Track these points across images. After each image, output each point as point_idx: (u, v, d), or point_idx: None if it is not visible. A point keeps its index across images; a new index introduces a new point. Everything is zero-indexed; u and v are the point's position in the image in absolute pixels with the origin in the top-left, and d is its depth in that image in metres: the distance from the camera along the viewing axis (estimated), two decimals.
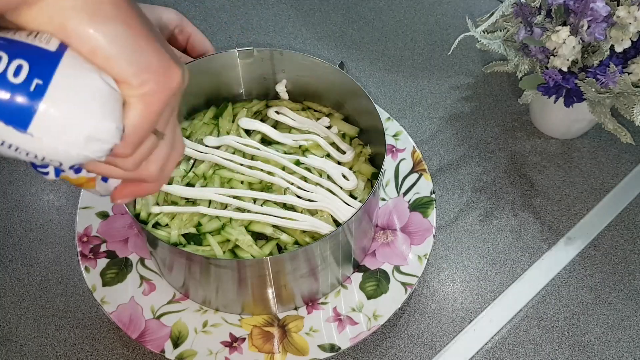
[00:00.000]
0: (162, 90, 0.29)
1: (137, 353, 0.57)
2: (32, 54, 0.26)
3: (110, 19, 0.27)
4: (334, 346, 0.54)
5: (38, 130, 0.26)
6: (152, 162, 0.33)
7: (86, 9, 0.26)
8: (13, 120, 0.26)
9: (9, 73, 0.26)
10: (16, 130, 0.26)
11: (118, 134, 0.29)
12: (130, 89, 0.29)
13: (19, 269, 0.62)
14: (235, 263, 0.50)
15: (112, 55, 0.27)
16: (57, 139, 0.27)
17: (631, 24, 0.57)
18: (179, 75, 0.30)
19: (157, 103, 0.30)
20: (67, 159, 0.28)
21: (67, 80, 0.27)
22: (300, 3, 0.91)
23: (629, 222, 0.66)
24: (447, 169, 0.71)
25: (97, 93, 0.27)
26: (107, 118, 0.28)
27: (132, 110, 0.29)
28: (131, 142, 0.30)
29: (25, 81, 0.26)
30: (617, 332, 0.58)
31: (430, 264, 0.63)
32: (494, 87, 0.79)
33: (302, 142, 0.61)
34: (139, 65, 0.28)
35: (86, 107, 0.27)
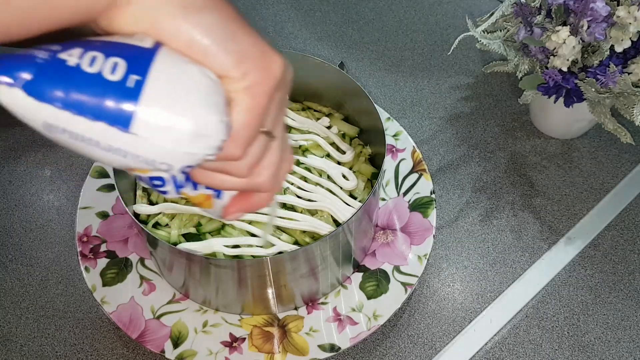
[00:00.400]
0: (265, 80, 0.28)
1: (137, 353, 0.57)
2: (128, 52, 0.25)
3: (202, 9, 0.26)
4: (334, 346, 0.54)
5: (142, 129, 0.25)
6: (264, 167, 0.31)
7: (177, 3, 0.25)
8: (114, 120, 0.25)
9: (105, 71, 0.25)
10: (120, 131, 0.25)
11: (224, 128, 0.27)
12: (233, 83, 0.27)
13: (19, 269, 0.62)
14: (235, 263, 0.50)
15: (208, 47, 0.26)
16: (162, 136, 0.26)
17: (631, 24, 0.57)
18: (280, 63, 0.28)
19: (262, 94, 0.28)
20: (175, 159, 0.27)
21: (165, 74, 0.25)
22: (300, 3, 0.91)
23: (629, 222, 0.66)
24: (447, 169, 0.71)
25: (197, 85, 0.26)
26: (211, 111, 0.26)
27: (238, 106, 0.27)
28: (240, 139, 0.28)
29: (123, 78, 0.25)
30: (617, 332, 0.58)
31: (430, 264, 0.63)
32: (494, 87, 0.79)
33: (302, 142, 0.61)
34: (238, 55, 0.27)
35: (188, 100, 0.26)
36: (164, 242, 0.51)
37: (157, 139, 0.26)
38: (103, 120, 0.25)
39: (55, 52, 0.25)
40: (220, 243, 0.54)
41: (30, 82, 0.24)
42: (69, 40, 0.26)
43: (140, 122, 0.25)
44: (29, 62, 0.24)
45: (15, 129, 0.74)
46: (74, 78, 0.24)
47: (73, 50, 0.25)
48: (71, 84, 0.24)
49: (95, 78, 0.24)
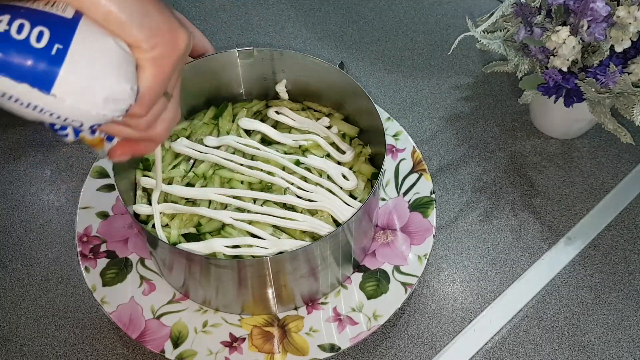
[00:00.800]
0: (171, 53, 0.32)
1: (137, 353, 0.57)
2: (52, 21, 0.28)
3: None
4: (334, 346, 0.54)
5: (61, 92, 0.29)
6: (160, 122, 0.36)
7: None
8: (38, 82, 0.28)
9: (31, 39, 0.28)
10: (41, 92, 0.29)
11: (133, 94, 0.31)
12: (142, 53, 0.31)
13: (19, 269, 0.62)
14: (235, 263, 0.50)
15: (123, 20, 0.30)
16: (78, 99, 0.29)
17: (631, 24, 0.57)
18: (185, 38, 0.33)
19: (167, 65, 0.32)
20: (87, 119, 0.31)
21: (85, 44, 0.29)
22: (300, 3, 0.91)
23: (629, 222, 0.66)
24: (447, 169, 0.71)
25: (112, 56, 0.30)
26: (123, 79, 0.30)
27: (145, 72, 0.32)
28: (146, 102, 0.33)
29: (47, 46, 0.28)
30: (617, 332, 0.58)
31: (430, 264, 0.63)
32: (494, 87, 0.79)
33: (302, 142, 0.61)
34: (150, 30, 0.31)
35: (103, 69, 0.30)
36: (164, 242, 0.51)
37: (73, 101, 0.29)
38: (26, 82, 0.28)
39: None
40: (220, 243, 0.54)
41: None
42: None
43: (60, 86, 0.29)
44: None
45: (15, 129, 0.74)
46: (3, 43, 0.27)
47: (2, 16, 0.28)
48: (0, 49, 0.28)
49: (23, 44, 0.28)
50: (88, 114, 0.30)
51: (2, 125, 0.75)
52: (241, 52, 0.61)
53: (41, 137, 0.73)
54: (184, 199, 0.57)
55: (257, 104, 0.65)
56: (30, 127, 0.74)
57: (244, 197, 0.57)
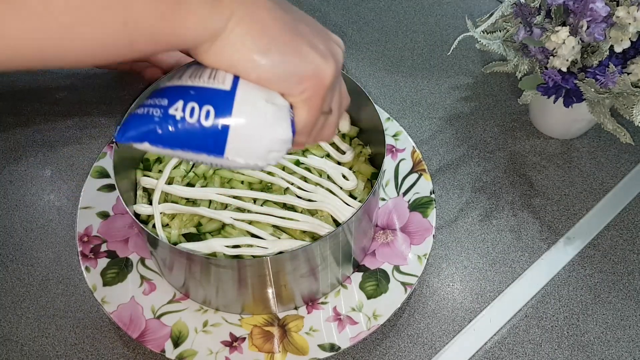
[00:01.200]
0: (318, 91, 0.36)
1: (137, 353, 0.57)
2: (214, 98, 0.35)
3: (267, 50, 0.34)
4: (334, 346, 0.54)
5: (231, 155, 0.36)
6: (326, 129, 0.41)
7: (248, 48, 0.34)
8: (212, 151, 0.36)
9: (202, 119, 0.35)
10: (217, 158, 0.36)
11: (289, 139, 0.37)
12: (294, 97, 0.36)
13: (19, 269, 0.63)
14: (235, 263, 0.50)
15: (273, 79, 0.35)
16: (246, 157, 0.37)
17: (630, 24, 0.57)
18: (330, 71, 0.36)
19: (317, 101, 0.37)
20: (257, 165, 0.38)
21: (243, 112, 0.35)
22: (300, 3, 0.91)
23: (628, 222, 0.66)
24: (446, 169, 0.71)
25: (266, 116, 0.36)
26: (278, 133, 0.36)
27: (299, 111, 0.37)
28: (304, 134, 0.39)
29: (214, 123, 0.35)
30: (617, 332, 0.58)
31: (430, 263, 0.63)
32: (494, 87, 0.79)
33: None
34: (296, 79, 0.35)
35: (261, 129, 0.36)
36: (164, 242, 0.51)
37: (243, 160, 0.37)
38: (204, 152, 0.36)
39: (165, 109, 0.35)
40: (220, 243, 0.54)
41: (153, 138, 0.35)
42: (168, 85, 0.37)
43: (229, 151, 0.36)
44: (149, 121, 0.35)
45: (15, 129, 0.74)
46: (182, 129, 0.35)
47: (177, 104, 0.35)
48: (181, 133, 0.35)
49: (196, 126, 0.35)
50: (256, 164, 0.37)
51: (3, 125, 0.75)
52: None
53: (42, 137, 0.73)
54: (184, 199, 0.57)
55: None
56: (31, 127, 0.74)
57: (244, 197, 0.57)
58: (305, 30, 0.36)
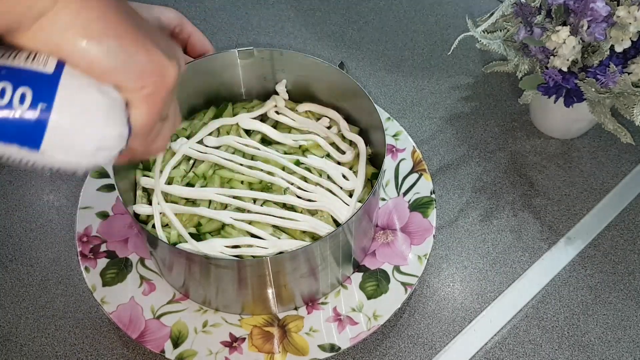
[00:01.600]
0: (160, 90, 0.32)
1: (137, 353, 0.57)
2: (33, 80, 0.28)
3: (102, 35, 0.28)
4: (334, 346, 0.54)
5: (50, 148, 0.29)
6: (159, 140, 0.36)
7: (77, 30, 0.28)
8: (26, 142, 0.29)
9: (15, 101, 0.28)
10: (30, 151, 0.29)
11: (123, 139, 0.31)
12: (131, 93, 0.31)
13: (19, 269, 0.62)
14: (235, 263, 0.50)
15: (107, 69, 0.29)
16: (67, 153, 0.30)
17: (631, 24, 0.57)
18: (174, 72, 0.32)
19: (158, 100, 0.32)
20: (80, 167, 0.31)
21: (68, 99, 0.29)
22: (300, 3, 0.91)
23: (629, 222, 0.66)
24: (447, 169, 0.71)
25: (97, 106, 0.30)
26: (111, 128, 0.30)
27: (137, 110, 0.32)
28: (140, 136, 0.33)
29: (31, 107, 0.28)
30: (617, 332, 0.58)
31: (430, 264, 0.63)
32: (494, 87, 0.79)
33: (302, 142, 0.61)
34: (136, 72, 0.30)
35: (90, 122, 0.30)
36: (163, 242, 0.51)
37: (63, 156, 0.30)
38: (15, 142, 0.29)
39: None
40: (220, 243, 0.54)
41: None
42: None
43: (47, 143, 0.29)
44: None
45: None
46: None
47: None
48: None
49: (7, 108, 0.28)
50: (79, 164, 0.31)
51: None
52: (241, 52, 0.61)
53: None
54: (184, 199, 0.57)
55: (257, 104, 0.65)
56: None
57: (243, 197, 0.57)
58: (148, 26, 0.32)
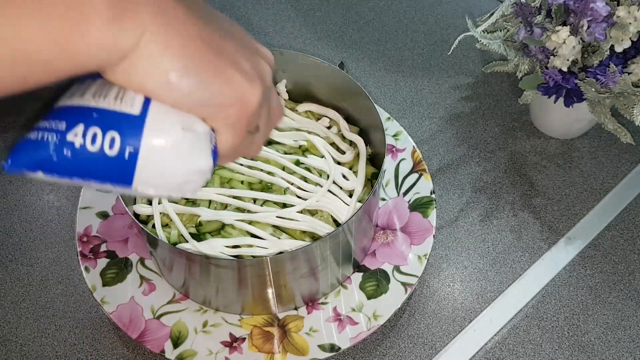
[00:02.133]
0: (244, 114, 0.32)
1: (137, 353, 0.57)
2: (121, 123, 0.30)
3: (183, 75, 0.29)
4: (334, 346, 0.54)
5: (140, 186, 0.31)
6: (252, 147, 0.36)
7: (160, 73, 0.29)
8: (119, 182, 0.31)
9: (105, 148, 0.30)
10: (124, 188, 0.31)
11: (209, 171, 0.33)
12: (215, 122, 0.31)
13: (19, 269, 0.62)
14: (235, 263, 0.50)
15: (190, 106, 0.30)
16: (158, 189, 0.32)
17: (631, 24, 0.57)
18: (256, 95, 0.32)
19: (242, 125, 0.32)
20: (171, 195, 0.33)
21: (154, 140, 0.30)
22: (300, 3, 0.91)
23: (629, 222, 0.66)
24: (447, 169, 0.71)
25: (182, 144, 0.31)
26: (196, 164, 0.32)
27: (222, 136, 0.32)
28: (228, 158, 0.34)
29: (120, 152, 0.30)
30: (617, 332, 0.58)
31: (430, 264, 0.63)
32: (494, 87, 0.79)
33: (302, 142, 0.61)
34: (216, 106, 0.30)
35: (174, 159, 0.31)
36: (163, 242, 0.51)
37: (154, 191, 0.32)
38: (109, 182, 0.31)
39: (63, 134, 0.30)
40: (220, 243, 0.54)
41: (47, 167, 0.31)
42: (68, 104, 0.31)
43: (138, 182, 0.31)
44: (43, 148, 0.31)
45: (15, 130, 0.74)
46: (82, 158, 0.30)
47: (76, 128, 0.30)
48: (81, 163, 0.30)
49: (99, 155, 0.30)
50: (170, 194, 0.33)
51: (2, 125, 0.75)
52: None
53: None
54: (184, 199, 0.57)
55: None
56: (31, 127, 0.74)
57: (243, 197, 0.57)
58: (229, 46, 0.32)
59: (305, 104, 0.65)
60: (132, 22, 0.27)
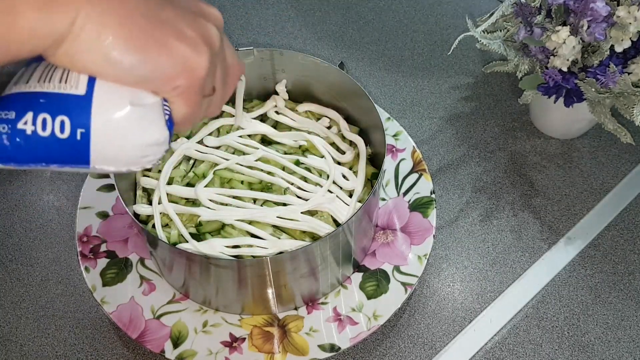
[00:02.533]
0: (192, 84, 0.32)
1: (137, 353, 0.57)
2: (68, 105, 0.30)
3: (124, 52, 0.29)
4: (334, 346, 0.54)
5: (98, 163, 0.32)
6: (212, 107, 0.36)
7: (99, 52, 0.29)
8: (76, 162, 0.31)
9: (56, 132, 0.30)
10: (82, 167, 0.32)
11: (165, 142, 0.33)
12: (165, 94, 0.31)
13: (19, 269, 0.62)
14: (235, 263, 0.50)
15: (135, 81, 0.30)
16: (116, 164, 0.32)
17: (631, 24, 0.57)
18: (204, 62, 0.31)
19: (193, 92, 0.32)
20: (132, 168, 0.33)
21: (103, 117, 0.31)
22: (300, 3, 0.91)
23: (629, 222, 0.66)
24: (447, 169, 0.71)
25: (132, 118, 0.31)
26: (150, 137, 0.32)
27: (175, 105, 0.32)
28: (186, 124, 0.34)
29: (71, 134, 0.30)
30: (617, 332, 0.58)
31: (430, 264, 0.63)
32: (494, 87, 0.79)
33: (302, 142, 0.61)
34: (163, 78, 0.30)
35: (127, 134, 0.31)
36: (163, 242, 0.51)
37: (114, 167, 0.32)
38: (67, 165, 0.32)
39: (14, 122, 0.30)
40: (220, 243, 0.54)
41: (3, 156, 0.31)
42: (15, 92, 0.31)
43: (95, 160, 0.31)
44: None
45: None
46: (36, 144, 0.30)
47: (26, 116, 0.30)
48: (35, 149, 0.31)
49: (51, 139, 0.30)
50: (130, 169, 0.33)
51: None
52: (241, 52, 0.61)
53: None
54: (184, 199, 0.57)
55: (257, 104, 0.65)
56: None
57: (243, 197, 0.57)
58: (170, 15, 0.31)
59: (305, 104, 0.65)
60: (64, 6, 0.27)
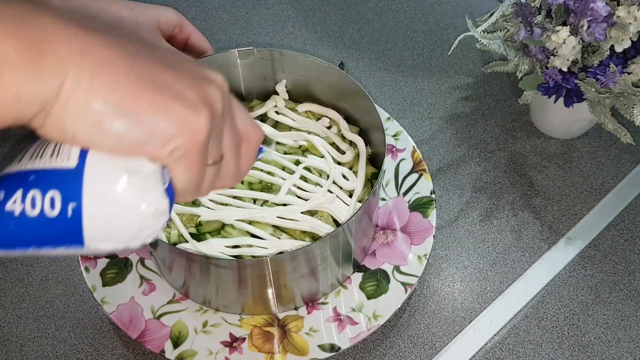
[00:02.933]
0: (193, 145, 0.29)
1: (137, 353, 0.57)
2: (59, 180, 0.28)
3: (114, 118, 0.26)
4: (334, 346, 0.54)
5: (93, 242, 0.29)
6: (224, 177, 0.33)
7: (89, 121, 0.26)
8: (69, 243, 0.28)
9: (46, 210, 0.27)
10: (77, 248, 0.29)
11: (164, 212, 0.30)
12: (164, 159, 0.28)
13: (19, 269, 0.62)
14: (235, 263, 0.50)
15: (130, 147, 0.27)
16: (115, 242, 0.29)
17: (631, 24, 0.57)
18: (203, 122, 0.29)
19: (193, 156, 0.29)
20: (131, 247, 0.30)
21: (95, 190, 0.28)
22: (300, 3, 0.91)
23: (629, 222, 0.66)
24: (447, 169, 0.71)
25: (127, 189, 0.28)
26: (147, 207, 0.29)
27: (175, 171, 0.29)
28: (191, 192, 0.31)
29: (62, 211, 0.28)
30: (617, 332, 0.58)
31: (430, 264, 0.63)
32: (494, 87, 0.79)
33: (302, 142, 0.61)
34: (159, 141, 0.28)
35: (122, 207, 0.28)
36: (163, 242, 0.51)
37: (111, 244, 0.29)
38: (60, 246, 0.29)
39: (2, 204, 0.28)
40: (220, 243, 0.54)
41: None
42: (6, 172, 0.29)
43: (90, 239, 0.28)
44: None
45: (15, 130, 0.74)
46: (24, 226, 0.28)
47: (15, 195, 0.28)
48: (24, 231, 0.28)
49: (40, 219, 0.28)
50: (128, 246, 0.30)
51: None
52: (241, 52, 0.61)
53: None
54: None
55: (257, 104, 0.65)
56: None
57: (243, 197, 0.57)
58: (167, 76, 0.28)
59: (305, 104, 0.65)
60: (51, 69, 0.25)
